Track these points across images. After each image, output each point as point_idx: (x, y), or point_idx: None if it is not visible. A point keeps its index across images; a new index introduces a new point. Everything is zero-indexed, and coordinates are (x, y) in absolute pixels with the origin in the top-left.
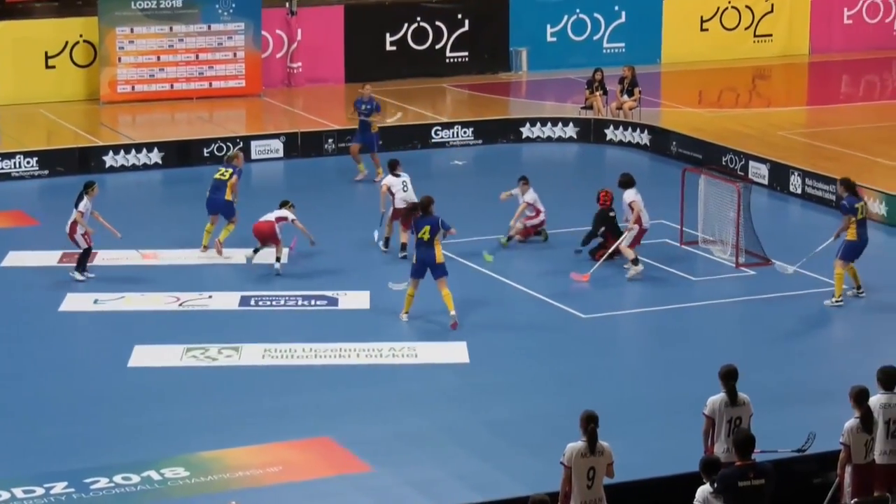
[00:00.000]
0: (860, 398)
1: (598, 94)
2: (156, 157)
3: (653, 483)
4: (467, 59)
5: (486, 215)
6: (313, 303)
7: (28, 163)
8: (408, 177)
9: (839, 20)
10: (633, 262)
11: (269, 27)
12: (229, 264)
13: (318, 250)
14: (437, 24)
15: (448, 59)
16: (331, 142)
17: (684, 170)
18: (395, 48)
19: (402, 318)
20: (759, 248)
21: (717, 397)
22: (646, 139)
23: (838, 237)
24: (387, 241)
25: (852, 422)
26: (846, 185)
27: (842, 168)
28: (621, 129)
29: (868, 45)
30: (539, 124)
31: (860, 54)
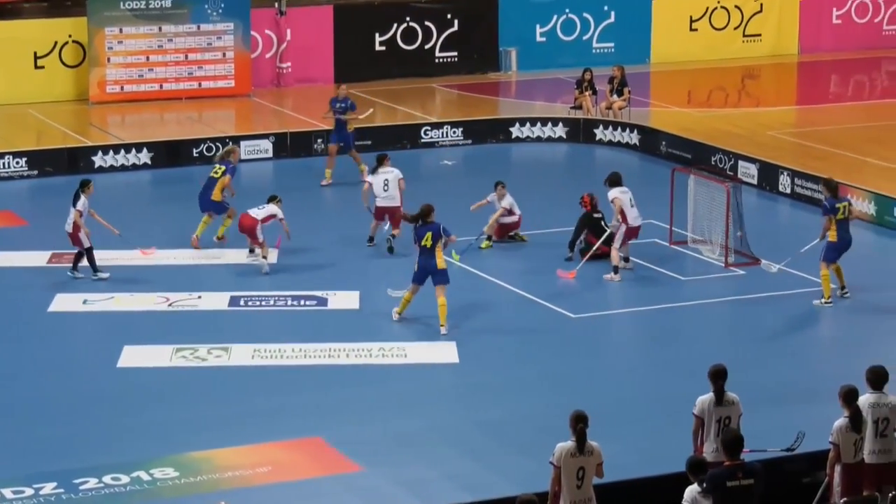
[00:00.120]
0: (849, 398)
1: (587, 93)
2: (145, 157)
3: (642, 483)
4: (457, 59)
5: (476, 215)
6: (303, 303)
7: (17, 163)
8: (395, 173)
9: (828, 20)
10: (614, 271)
11: (259, 27)
12: (219, 264)
13: (308, 250)
14: (427, 24)
15: (437, 59)
16: (320, 142)
17: (674, 169)
18: (384, 48)
19: (394, 316)
20: (748, 247)
21: (707, 397)
22: (635, 139)
23: (824, 238)
24: (371, 238)
25: (841, 421)
26: (828, 186)
27: (831, 168)
28: (611, 128)
29: (857, 44)
30: (528, 124)
31: (849, 54)
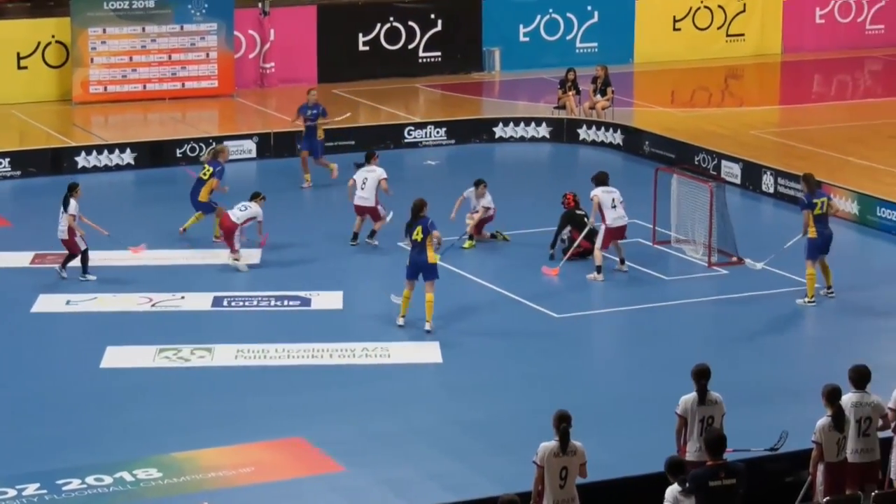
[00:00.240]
0: (832, 397)
1: (570, 93)
2: (128, 157)
3: (626, 482)
4: (440, 59)
5: (459, 215)
6: (286, 303)
7: (0, 164)
8: (377, 173)
9: (811, 20)
10: (598, 271)
11: (242, 27)
12: (202, 265)
13: (291, 251)
14: (410, 24)
15: (421, 59)
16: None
17: (657, 169)
18: (367, 48)
19: (399, 321)
20: (733, 247)
21: (690, 396)
22: (619, 139)
23: (806, 233)
24: (355, 235)
25: (824, 420)
26: (806, 181)
27: (814, 167)
28: (594, 128)
29: (840, 44)
30: (512, 124)
31: (832, 54)
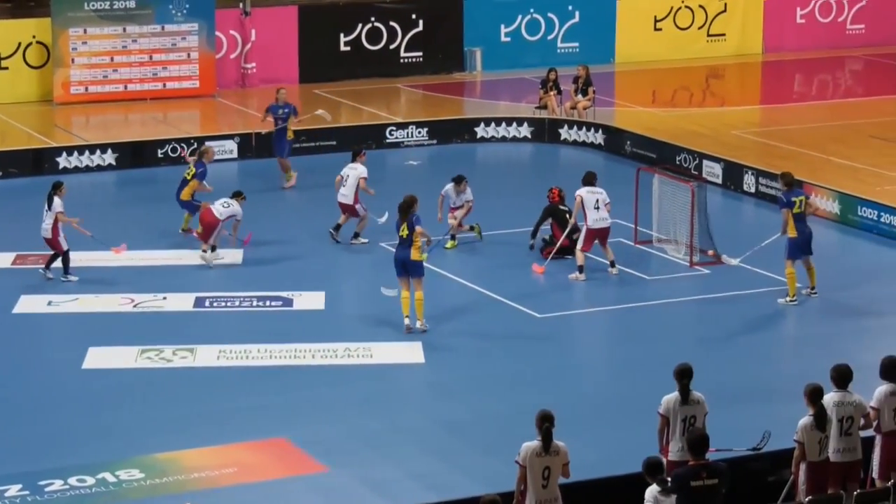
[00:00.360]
0: (814, 396)
1: (552, 93)
2: (110, 158)
3: (608, 482)
4: (421, 60)
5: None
6: (268, 304)
7: None
8: (358, 171)
9: (792, 19)
10: (579, 270)
11: (223, 28)
12: (184, 266)
13: (273, 251)
14: (392, 24)
15: (402, 60)
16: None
17: (638, 169)
18: (349, 48)
19: (406, 322)
20: (713, 246)
21: (672, 396)
22: (600, 139)
23: (783, 233)
24: (338, 227)
25: (806, 419)
26: (784, 180)
27: (795, 167)
28: (575, 128)
29: (821, 44)
30: (493, 124)
31: (813, 53)
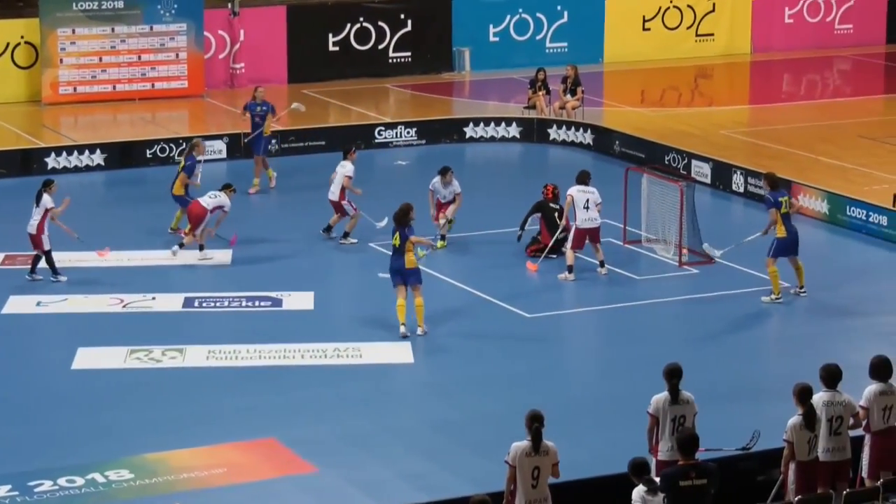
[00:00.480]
0: (803, 396)
1: (540, 93)
2: (98, 158)
3: (598, 482)
4: (410, 60)
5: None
6: (257, 304)
7: None
8: (345, 169)
9: (780, 19)
10: (568, 270)
11: (212, 28)
12: (173, 266)
13: (262, 251)
14: (380, 24)
15: (391, 60)
16: (274, 142)
17: (627, 169)
18: (337, 48)
19: (402, 330)
20: (701, 245)
21: (662, 395)
22: (589, 138)
23: (766, 233)
24: (328, 227)
25: (795, 419)
26: (770, 180)
27: (784, 166)
28: (564, 128)
29: (809, 44)
30: (482, 124)
31: (801, 53)
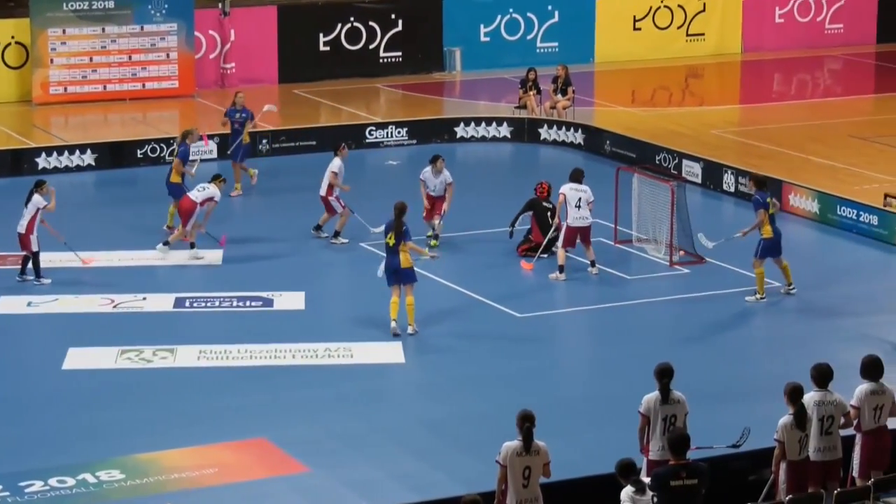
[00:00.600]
0: (794, 395)
1: (531, 93)
2: (89, 158)
3: (589, 481)
4: (401, 59)
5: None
6: (248, 304)
7: None
8: (332, 165)
9: (771, 19)
10: (560, 270)
11: (202, 28)
12: (164, 266)
13: (253, 251)
14: (371, 24)
15: (382, 59)
16: (265, 143)
17: (618, 169)
18: (328, 48)
19: (393, 325)
20: (693, 246)
21: (653, 395)
22: (579, 138)
23: (747, 234)
24: (318, 226)
25: (786, 418)
26: (756, 181)
27: (774, 166)
28: (555, 128)
29: (799, 43)
30: (473, 124)
31: (792, 53)
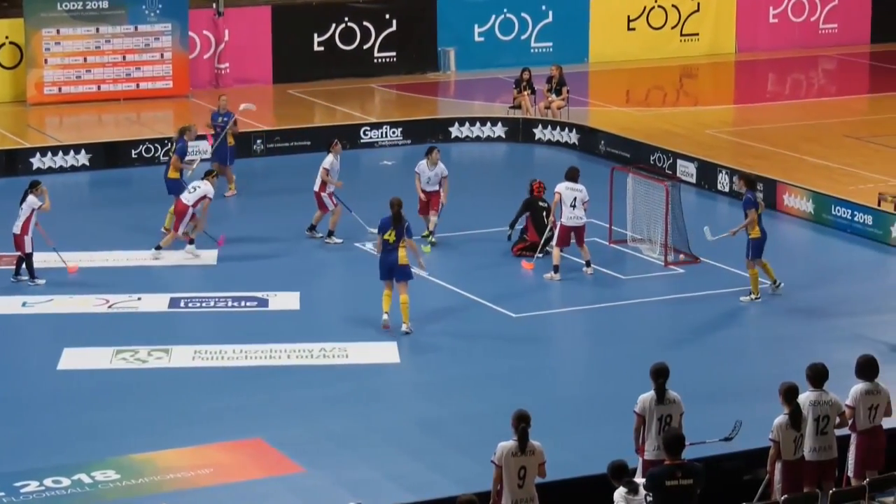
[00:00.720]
0: (789, 395)
1: (526, 93)
2: (83, 158)
3: (584, 481)
4: (395, 60)
5: (418, 220)
6: (243, 304)
7: None
8: (324, 161)
9: (765, 19)
10: (554, 270)
11: (197, 28)
12: (158, 266)
13: (248, 252)
14: (365, 24)
15: (376, 59)
16: (259, 143)
17: (613, 169)
18: (322, 48)
19: (384, 318)
20: (687, 246)
21: (648, 395)
22: (574, 138)
23: (736, 233)
24: (312, 227)
25: (781, 418)
26: (747, 180)
27: (769, 166)
28: (550, 128)
29: (793, 43)
30: (468, 124)
31: (786, 53)
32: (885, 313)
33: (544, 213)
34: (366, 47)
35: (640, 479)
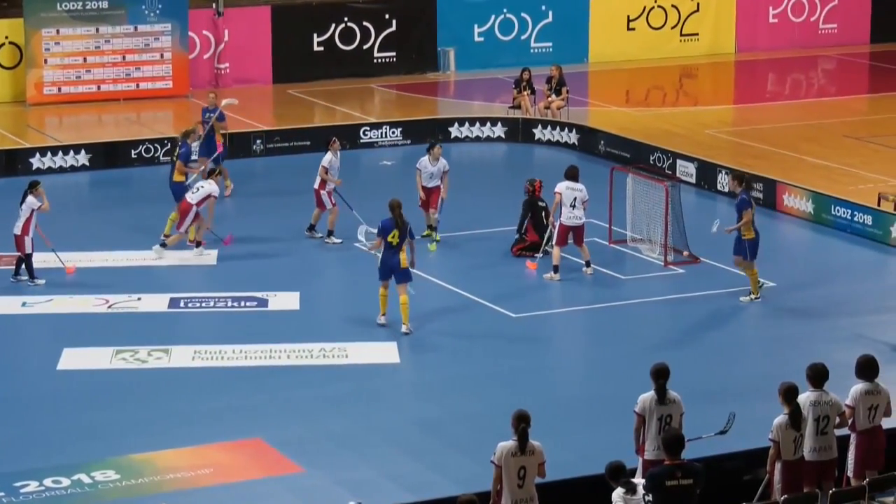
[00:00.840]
0: (789, 395)
1: (525, 93)
2: (83, 158)
3: (584, 481)
4: (395, 60)
5: (416, 215)
6: (243, 304)
7: None
8: (322, 159)
9: (764, 19)
10: (554, 270)
11: (196, 28)
12: (158, 266)
13: (248, 252)
14: (365, 24)
15: (376, 60)
16: (259, 142)
17: (612, 169)
18: (322, 48)
19: (380, 319)
20: (687, 246)
21: (648, 395)
22: (574, 138)
23: (731, 231)
24: (311, 227)
25: (781, 418)
26: (740, 180)
27: (769, 166)
28: (549, 128)
29: (793, 43)
30: (467, 124)
31: (785, 53)
32: (885, 313)
33: (543, 214)
34: (365, 47)
35: (639, 480)
